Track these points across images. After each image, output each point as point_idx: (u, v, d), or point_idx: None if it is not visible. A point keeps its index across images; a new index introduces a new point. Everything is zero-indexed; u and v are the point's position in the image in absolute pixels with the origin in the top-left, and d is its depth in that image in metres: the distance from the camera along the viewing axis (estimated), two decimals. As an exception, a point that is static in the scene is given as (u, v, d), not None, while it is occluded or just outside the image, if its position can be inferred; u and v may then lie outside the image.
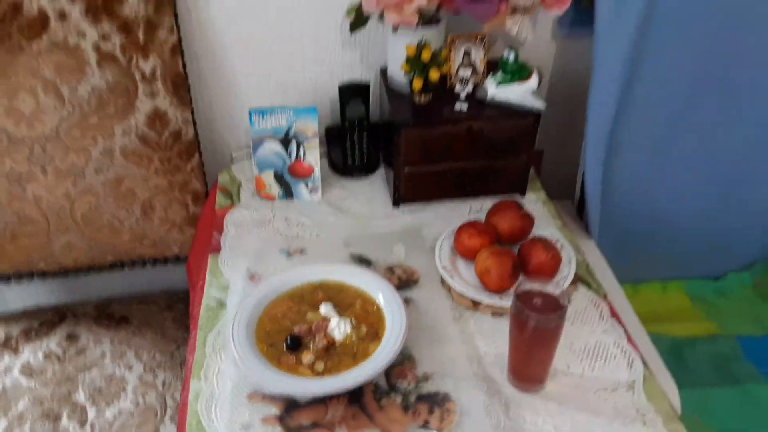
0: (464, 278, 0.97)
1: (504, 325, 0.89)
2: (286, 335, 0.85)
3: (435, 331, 0.90)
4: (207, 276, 0.99)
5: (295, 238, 1.07)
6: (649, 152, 1.15)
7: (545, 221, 1.09)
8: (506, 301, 0.90)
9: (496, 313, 0.92)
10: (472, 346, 0.88)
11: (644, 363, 0.85)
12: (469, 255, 0.97)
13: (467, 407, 0.79)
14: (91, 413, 1.00)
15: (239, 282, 0.97)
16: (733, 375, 1.15)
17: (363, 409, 0.79)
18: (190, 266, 1.17)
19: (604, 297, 0.96)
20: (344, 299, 0.91)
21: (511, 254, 0.93)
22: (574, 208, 1.30)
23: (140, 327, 1.16)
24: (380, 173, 1.23)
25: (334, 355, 0.83)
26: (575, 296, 0.95)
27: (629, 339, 0.89)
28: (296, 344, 0.84)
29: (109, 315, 1.19)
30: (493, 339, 0.89)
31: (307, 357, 0.82)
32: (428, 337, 0.88)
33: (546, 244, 0.94)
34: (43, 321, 1.17)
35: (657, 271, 1.34)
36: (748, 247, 1.32)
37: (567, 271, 0.95)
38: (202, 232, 1.17)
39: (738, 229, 1.27)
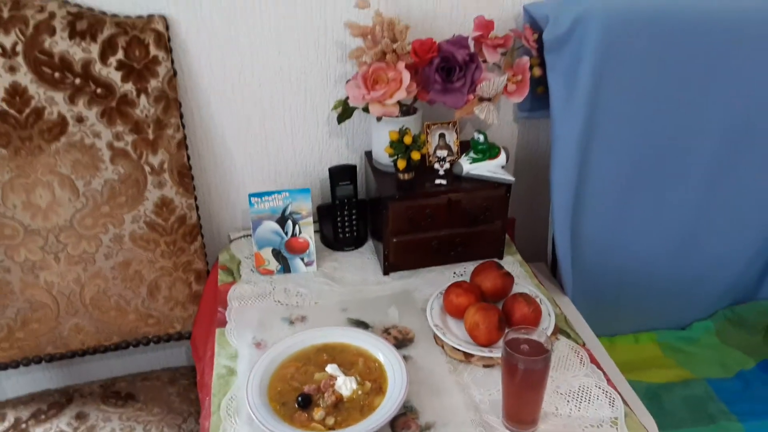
0: (455, 334, 1.05)
1: (495, 375, 0.98)
2: (296, 394, 0.92)
3: (433, 384, 0.97)
4: (216, 347, 1.06)
5: (295, 307, 1.15)
6: (611, 214, 1.29)
7: (523, 280, 1.20)
8: (495, 353, 0.99)
9: (487, 364, 1.01)
10: (467, 395, 0.95)
11: (624, 401, 0.94)
12: (458, 313, 1.07)
13: (468, 450, 0.86)
14: (105, 488, 1.03)
15: (246, 350, 1.04)
16: (707, 415, 1.24)
17: (373, 458, 0.85)
18: (195, 341, 1.23)
19: (583, 345, 1.05)
20: (347, 359, 0.99)
21: (496, 309, 1.03)
22: (548, 269, 1.42)
23: (146, 403, 1.20)
24: (369, 246, 1.34)
25: (343, 410, 0.90)
26: (557, 345, 1.05)
27: (609, 381, 0.98)
28: (307, 402, 0.90)
29: (115, 393, 1.23)
30: (486, 388, 0.97)
31: (318, 413, 0.89)
32: (427, 390, 0.96)
33: (527, 298, 1.05)
34: (51, 403, 1.20)
35: (629, 325, 1.45)
36: (708, 297, 1.45)
37: (547, 323, 1.05)
38: (206, 307, 1.25)
39: (696, 282, 1.40)
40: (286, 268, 1.25)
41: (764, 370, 1.35)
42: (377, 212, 1.22)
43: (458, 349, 1.02)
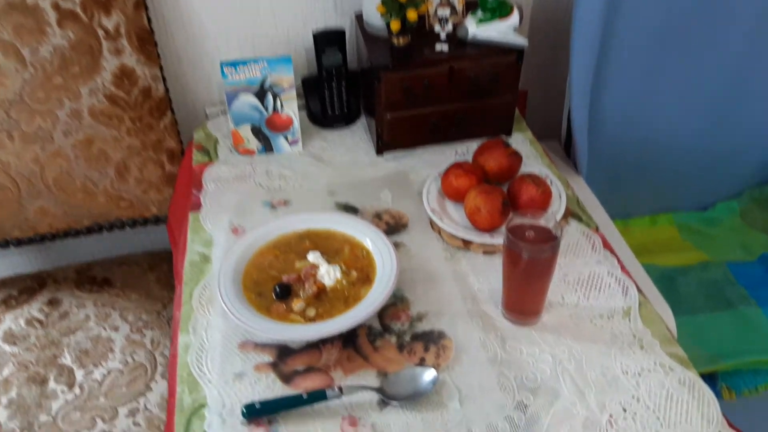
0: (454, 219, 0.95)
1: (496, 263, 0.88)
2: (274, 284, 0.83)
3: (427, 272, 0.88)
4: (189, 233, 0.96)
5: (277, 191, 1.04)
6: (636, 83, 1.13)
7: (533, 160, 1.07)
8: (497, 239, 0.89)
9: (488, 251, 0.91)
10: (465, 284, 0.86)
11: (639, 290, 0.85)
12: (458, 196, 0.95)
13: (463, 343, 0.78)
14: (79, 375, 0.98)
15: (222, 236, 0.95)
16: (725, 300, 1.16)
17: (358, 351, 0.77)
18: (171, 225, 1.14)
19: (596, 230, 0.95)
20: (332, 246, 0.89)
21: (500, 192, 0.91)
22: (562, 147, 1.28)
23: (123, 289, 1.13)
24: (361, 122, 1.20)
25: (326, 301, 0.81)
26: (567, 230, 0.94)
27: (623, 268, 0.88)
28: (285, 292, 0.81)
29: (90, 278, 1.16)
30: (485, 276, 0.87)
31: (297, 304, 0.80)
32: (421, 279, 0.87)
33: (535, 179, 0.92)
34: (22, 288, 1.14)
35: (646, 206, 1.34)
36: (735, 176, 1.32)
37: (558, 206, 0.94)
38: (181, 190, 1.14)
39: (725, 158, 1.27)
40: (267, 148, 1.12)
41: (790, 254, 1.26)
42: (369, 84, 1.07)
43: (456, 236, 0.91)
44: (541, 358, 0.76)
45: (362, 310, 0.78)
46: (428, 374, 0.72)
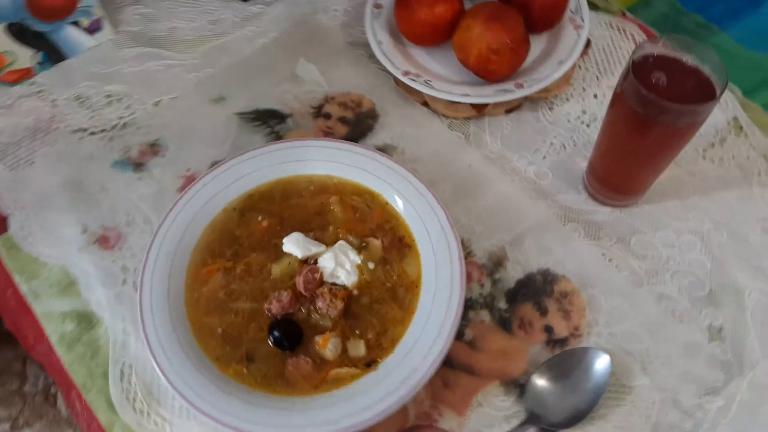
0: (443, 76, 0.59)
1: (526, 119, 0.59)
2: (255, 328, 0.46)
3: (452, 178, 0.55)
4: (17, 280, 0.51)
5: (121, 131, 0.58)
6: None
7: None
8: (522, 89, 0.56)
9: (511, 108, 0.59)
10: (511, 172, 0.56)
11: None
12: (433, 35, 0.58)
13: (583, 273, 0.50)
14: None
15: (86, 261, 0.51)
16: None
17: (452, 364, 0.47)
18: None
19: (623, 15, 0.66)
20: (306, 209, 0.51)
21: (511, 9, 0.56)
22: None
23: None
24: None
25: (364, 316, 0.47)
26: (592, 33, 0.64)
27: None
28: (292, 334, 0.45)
29: None
30: (525, 146, 0.57)
31: (327, 345, 0.45)
32: (450, 192, 0.54)
33: (545, -31, 0.57)
34: None
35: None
36: None
37: (575, 1, 0.62)
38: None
39: None
40: (52, 54, 0.61)
41: None
42: None
43: (461, 104, 0.57)
44: (684, 244, 0.52)
45: (440, 305, 0.46)
46: (593, 360, 0.45)
